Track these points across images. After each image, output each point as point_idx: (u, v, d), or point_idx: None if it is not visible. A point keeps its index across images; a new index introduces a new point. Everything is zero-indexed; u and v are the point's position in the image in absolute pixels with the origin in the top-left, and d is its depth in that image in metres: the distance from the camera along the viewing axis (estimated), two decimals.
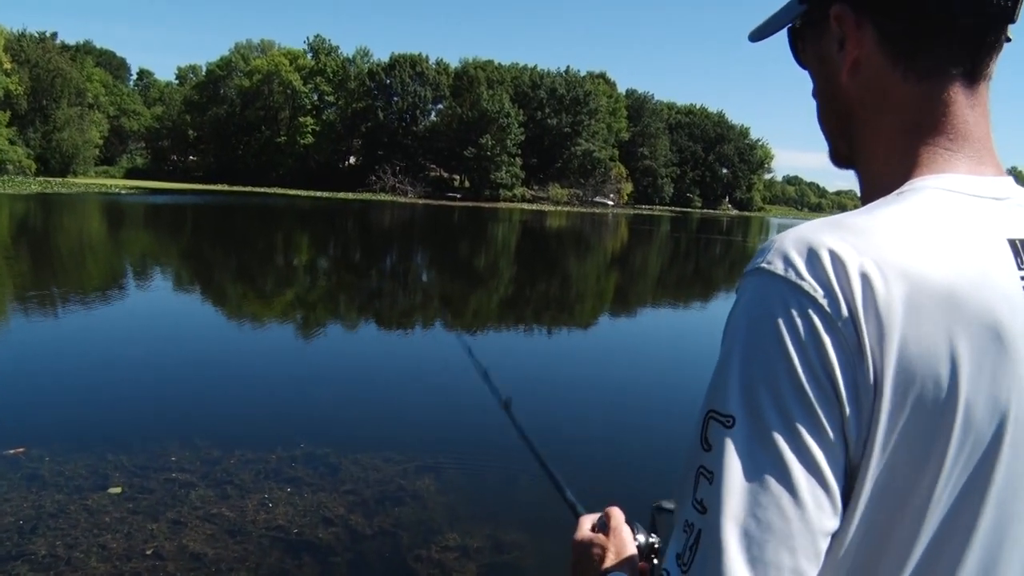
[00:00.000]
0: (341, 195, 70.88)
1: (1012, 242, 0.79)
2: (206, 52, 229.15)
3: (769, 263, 0.75)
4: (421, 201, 71.19)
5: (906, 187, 0.82)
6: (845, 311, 0.71)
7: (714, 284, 23.44)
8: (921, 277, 0.73)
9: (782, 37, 0.98)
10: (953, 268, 0.74)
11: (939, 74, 0.82)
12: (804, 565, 0.70)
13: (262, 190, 71.74)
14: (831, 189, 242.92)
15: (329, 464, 5.95)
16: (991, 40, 0.82)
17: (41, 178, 63.37)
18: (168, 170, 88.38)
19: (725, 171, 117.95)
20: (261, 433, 6.60)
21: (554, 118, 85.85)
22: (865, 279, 0.72)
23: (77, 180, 67.37)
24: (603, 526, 1.23)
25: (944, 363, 0.72)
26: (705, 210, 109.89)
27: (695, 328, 14.51)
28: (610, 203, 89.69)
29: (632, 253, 34.65)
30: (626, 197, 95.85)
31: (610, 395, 8.96)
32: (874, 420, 0.71)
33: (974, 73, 0.83)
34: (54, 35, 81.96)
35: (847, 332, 0.71)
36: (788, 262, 0.74)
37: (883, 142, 0.87)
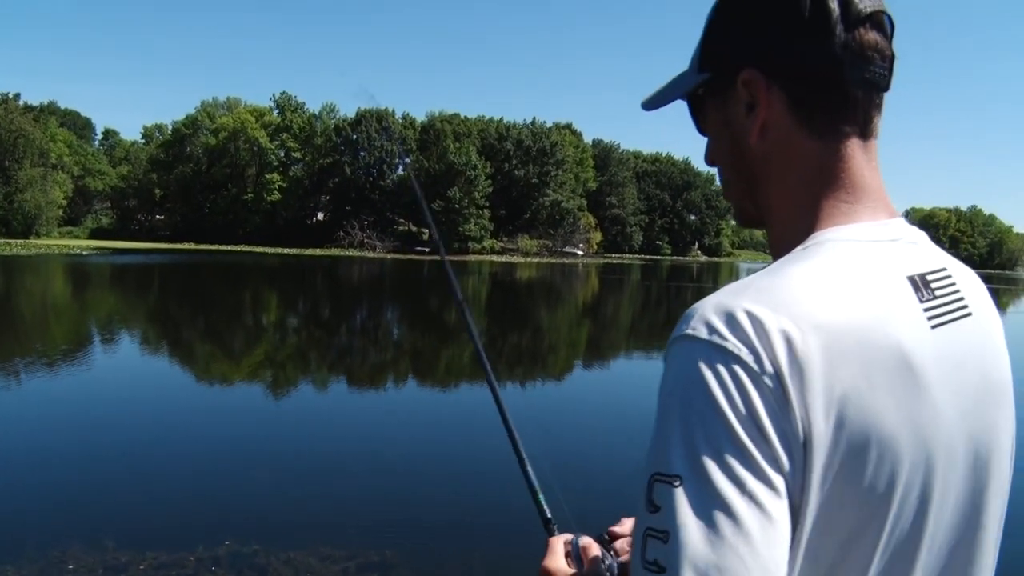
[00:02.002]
0: (309, 251, 70.26)
1: (911, 278, 0.87)
2: (172, 111, 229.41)
3: (693, 329, 0.79)
4: (390, 255, 70.71)
5: (810, 241, 0.88)
6: (769, 366, 0.75)
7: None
8: (833, 325, 0.78)
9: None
10: (861, 312, 0.80)
11: (837, 132, 0.91)
12: None
13: (229, 248, 70.97)
14: None
15: (257, 566, 5.29)
16: (876, 102, 0.92)
17: (1, 240, 62.24)
18: (134, 229, 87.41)
19: (693, 218, 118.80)
20: (182, 527, 5.93)
21: (521, 169, 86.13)
22: (783, 335, 0.76)
23: (39, 241, 66.31)
24: (578, 557, 1.12)
25: (867, 402, 0.78)
26: (675, 257, 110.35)
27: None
28: (580, 253, 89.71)
29: (603, 303, 34.27)
30: (596, 246, 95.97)
31: (582, 444, 8.46)
32: (807, 466, 0.76)
33: (865, 131, 0.92)
34: (16, 96, 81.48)
35: (772, 386, 0.75)
36: (710, 327, 0.78)
37: (789, 198, 0.93)
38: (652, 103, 1.05)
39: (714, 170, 1.01)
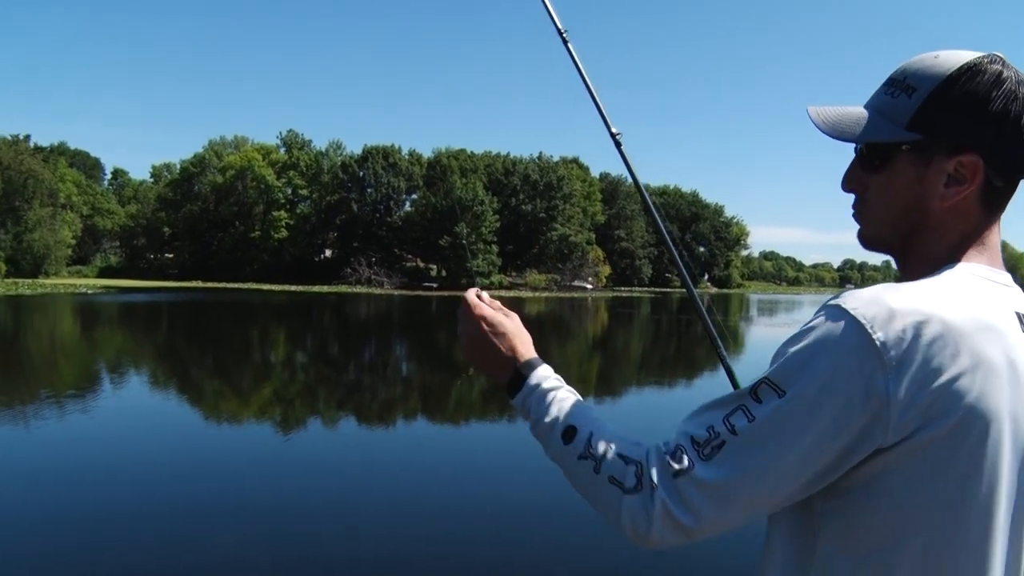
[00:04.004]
0: (316, 288, 69.98)
1: (1018, 314, 1.08)
2: (181, 150, 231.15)
3: (847, 304, 1.02)
4: (397, 292, 70.38)
5: (946, 270, 1.10)
6: (893, 349, 0.97)
7: (699, 366, 22.53)
8: (953, 321, 0.99)
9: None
10: (981, 317, 1.02)
11: (998, 211, 1.15)
12: (756, 505, 1.04)
13: (236, 285, 70.82)
14: (807, 263, 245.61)
15: None
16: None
17: (8, 280, 62.32)
18: (143, 268, 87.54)
19: (702, 250, 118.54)
20: (195, 568, 5.49)
21: (529, 204, 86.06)
22: (916, 323, 0.98)
23: (47, 281, 66.35)
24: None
25: (986, 386, 0.99)
26: (684, 289, 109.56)
27: (677, 411, 13.50)
28: (589, 287, 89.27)
29: (613, 337, 33.78)
30: (604, 280, 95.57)
31: None
32: (912, 440, 0.98)
33: (1002, 209, 1.16)
34: (27, 137, 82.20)
35: (893, 364, 0.97)
36: (859, 307, 1.00)
37: (942, 246, 1.14)
38: (837, 133, 1.17)
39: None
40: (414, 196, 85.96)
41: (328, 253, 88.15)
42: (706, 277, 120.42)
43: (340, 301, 53.75)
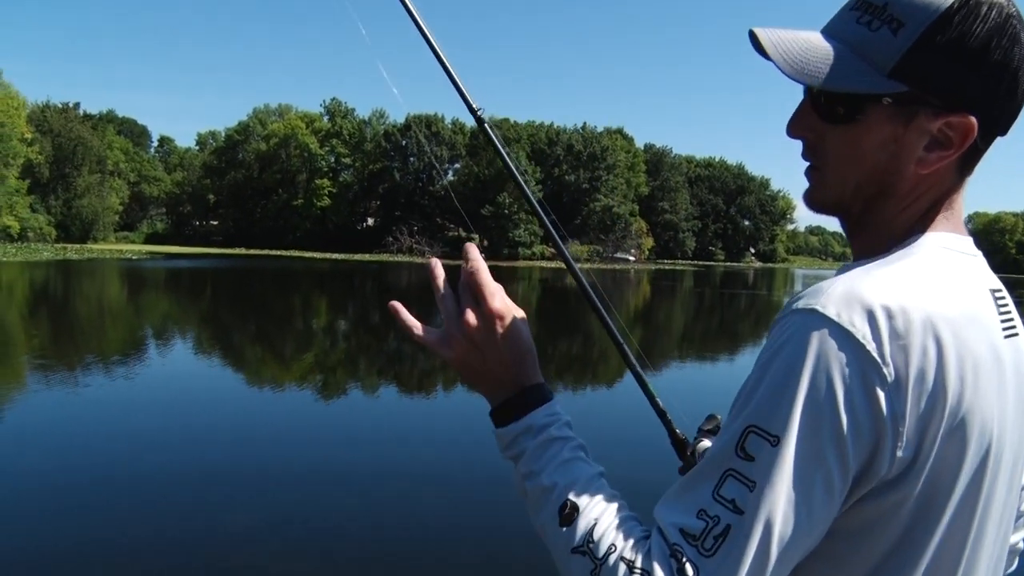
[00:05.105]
0: (358, 257, 70.23)
1: (992, 291, 0.95)
2: (226, 118, 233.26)
3: (823, 307, 0.83)
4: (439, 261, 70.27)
5: (913, 242, 0.95)
6: (889, 359, 0.81)
7: (741, 340, 22.10)
8: (949, 318, 0.85)
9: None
10: (968, 310, 0.89)
11: (969, 173, 0.98)
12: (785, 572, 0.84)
13: (279, 253, 71.34)
14: None
15: None
16: None
17: (58, 245, 63.48)
18: (188, 234, 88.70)
19: (747, 223, 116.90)
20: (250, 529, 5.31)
21: (572, 174, 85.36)
22: (905, 327, 0.82)
23: (95, 246, 67.42)
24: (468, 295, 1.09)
25: (977, 387, 0.86)
26: (728, 263, 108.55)
27: (713, 386, 13.15)
28: (631, 259, 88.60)
29: (655, 310, 33.34)
30: (647, 252, 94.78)
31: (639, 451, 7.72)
32: (919, 449, 0.83)
33: (972, 171, 0.99)
34: (76, 105, 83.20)
35: (890, 378, 0.81)
36: (839, 310, 0.83)
37: (909, 212, 0.97)
38: (804, 75, 0.93)
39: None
40: (456, 165, 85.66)
41: (370, 222, 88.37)
42: (750, 251, 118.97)
43: (382, 270, 53.82)
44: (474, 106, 1.51)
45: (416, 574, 5.37)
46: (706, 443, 1.35)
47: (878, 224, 0.98)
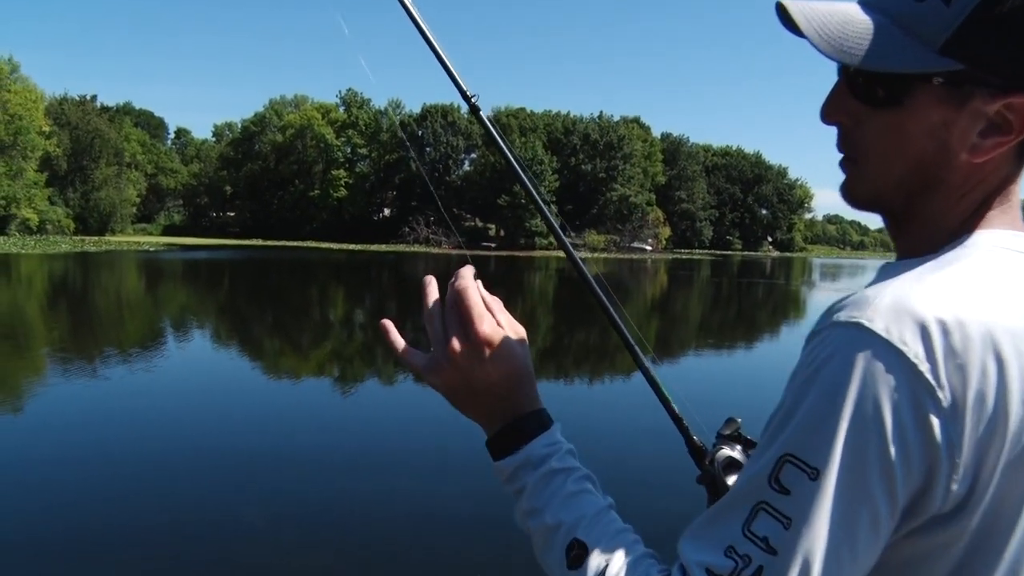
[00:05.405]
0: (374, 247, 70.36)
1: None
2: (242, 109, 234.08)
3: (869, 321, 0.74)
4: (455, 251, 70.42)
5: (969, 242, 0.84)
6: (944, 381, 0.72)
7: (759, 332, 21.95)
8: (1004, 330, 0.74)
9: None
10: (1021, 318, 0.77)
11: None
12: None
13: (296, 244, 71.58)
14: (873, 227, 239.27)
15: None
16: None
17: (76, 237, 63.95)
18: (205, 226, 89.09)
19: (764, 212, 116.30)
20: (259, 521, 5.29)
21: (588, 164, 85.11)
22: (963, 345, 0.72)
23: (113, 238, 67.88)
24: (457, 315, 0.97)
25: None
26: (746, 252, 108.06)
27: (730, 382, 13.02)
28: (648, 248, 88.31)
29: (672, 299, 33.20)
30: (664, 242, 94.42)
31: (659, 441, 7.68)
32: (977, 476, 0.74)
33: None
34: (94, 98, 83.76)
35: (946, 403, 0.72)
36: (887, 324, 0.73)
37: (960, 205, 0.86)
38: (843, 54, 0.82)
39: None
40: (473, 155, 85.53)
41: (387, 212, 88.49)
42: (767, 241, 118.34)
43: (398, 260, 53.91)
44: (468, 93, 1.43)
45: (431, 559, 5.35)
46: (726, 451, 1.26)
47: (925, 221, 0.88)
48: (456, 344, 0.95)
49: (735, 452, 1.25)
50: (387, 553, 5.49)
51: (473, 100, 1.44)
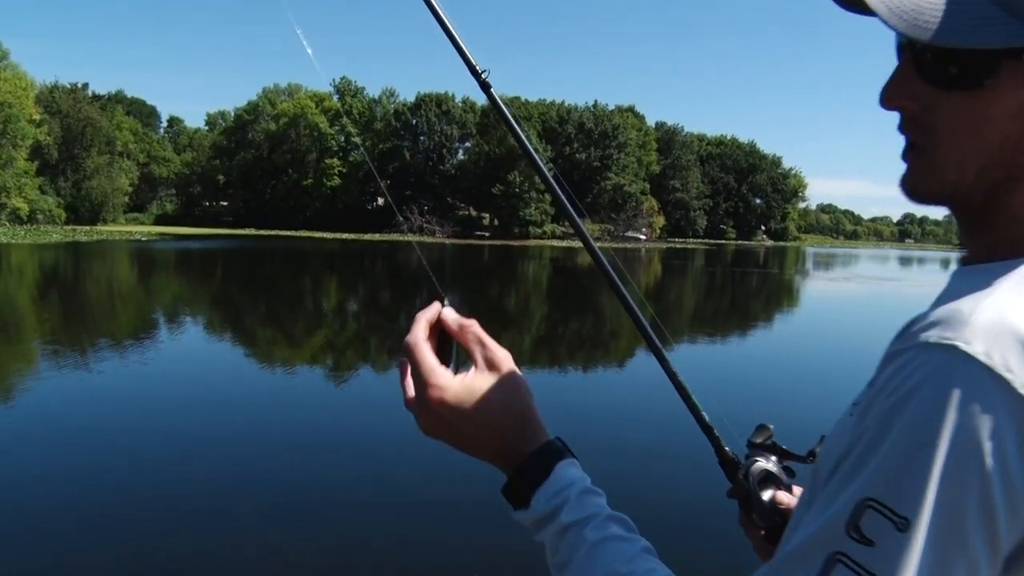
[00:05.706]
0: (368, 236, 70.14)
1: None
2: (235, 97, 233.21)
3: (966, 343, 0.64)
4: (449, 240, 70.25)
5: None
6: None
7: (749, 318, 21.97)
8: None
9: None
10: None
11: None
12: None
13: (289, 233, 71.35)
14: (866, 216, 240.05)
15: None
16: None
17: (68, 227, 63.61)
18: (198, 215, 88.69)
19: (758, 201, 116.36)
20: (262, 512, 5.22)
21: (583, 153, 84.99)
22: None
23: (105, 228, 67.53)
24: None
25: None
26: (740, 241, 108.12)
27: (731, 368, 12.98)
28: (642, 237, 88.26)
29: (666, 288, 33.19)
30: (658, 231, 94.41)
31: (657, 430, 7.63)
32: None
33: None
34: (85, 86, 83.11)
35: None
36: (990, 349, 0.63)
37: None
38: (916, 29, 0.70)
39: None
40: (467, 144, 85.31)
41: (380, 201, 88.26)
42: (761, 230, 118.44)
43: (392, 249, 53.76)
44: (478, 68, 1.35)
45: (430, 547, 5.31)
46: (761, 463, 1.16)
47: (1008, 218, 0.76)
48: (415, 407, 0.90)
49: (771, 464, 1.15)
50: (385, 540, 5.49)
51: (484, 76, 1.35)
